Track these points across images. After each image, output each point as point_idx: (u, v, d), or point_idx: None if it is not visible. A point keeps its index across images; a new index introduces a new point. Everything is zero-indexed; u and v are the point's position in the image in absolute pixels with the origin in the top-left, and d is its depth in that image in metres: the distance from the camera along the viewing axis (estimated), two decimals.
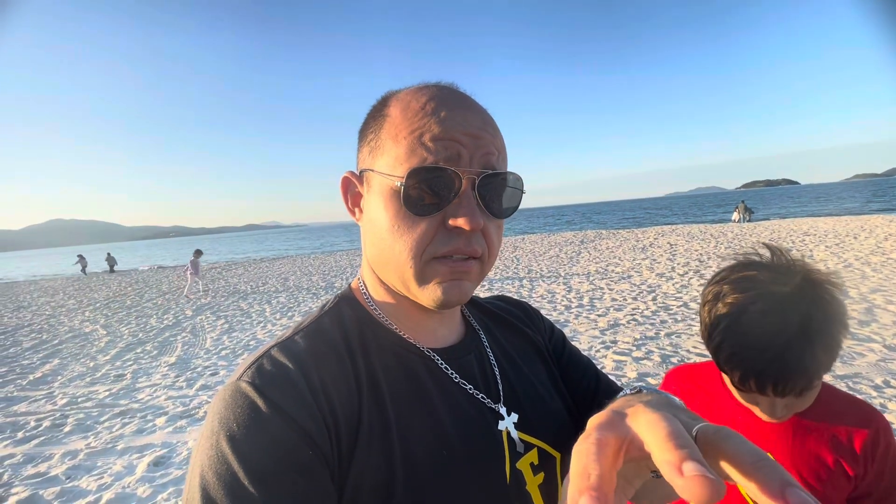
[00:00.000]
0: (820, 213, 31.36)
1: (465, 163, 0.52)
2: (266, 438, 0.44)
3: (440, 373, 0.58)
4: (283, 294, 11.49)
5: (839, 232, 14.72)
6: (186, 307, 10.61)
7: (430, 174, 0.51)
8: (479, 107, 0.57)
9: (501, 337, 0.71)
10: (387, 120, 0.56)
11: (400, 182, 0.52)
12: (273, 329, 7.50)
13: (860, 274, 7.86)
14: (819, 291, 0.73)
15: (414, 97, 0.55)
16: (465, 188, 0.52)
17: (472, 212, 0.51)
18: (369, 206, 0.57)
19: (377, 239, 0.56)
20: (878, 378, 3.76)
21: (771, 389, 0.74)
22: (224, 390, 0.48)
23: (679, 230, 21.49)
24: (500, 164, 0.55)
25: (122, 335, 8.06)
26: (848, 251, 10.55)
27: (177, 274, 20.91)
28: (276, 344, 0.53)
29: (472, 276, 0.54)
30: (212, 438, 0.44)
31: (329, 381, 0.50)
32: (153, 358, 6.32)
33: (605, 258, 13.01)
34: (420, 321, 0.60)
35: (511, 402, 0.61)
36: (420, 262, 0.53)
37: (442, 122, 0.52)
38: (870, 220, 18.77)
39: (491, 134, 0.55)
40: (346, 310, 0.60)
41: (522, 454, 0.57)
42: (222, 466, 0.42)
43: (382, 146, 0.55)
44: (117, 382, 5.32)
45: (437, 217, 0.52)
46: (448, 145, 0.52)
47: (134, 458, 3.46)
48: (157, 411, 4.33)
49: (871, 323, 5.15)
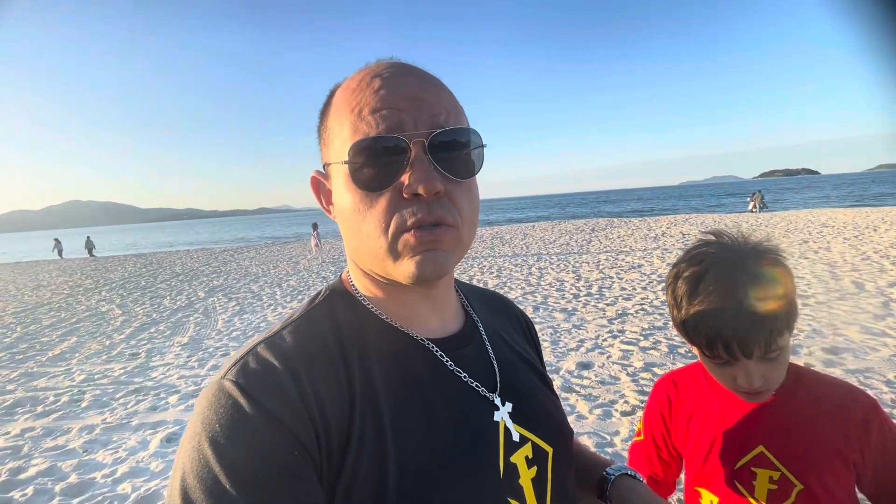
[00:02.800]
0: (840, 203, 30.64)
1: (410, 127, 0.50)
2: (249, 440, 0.42)
3: (435, 362, 0.56)
4: (293, 277, 11.61)
5: (858, 224, 14.34)
6: (199, 289, 10.80)
7: (373, 147, 0.49)
8: (419, 71, 0.55)
9: (498, 327, 0.70)
10: (331, 108, 0.56)
11: (346, 162, 0.51)
12: (283, 312, 7.60)
13: (878, 267, 7.68)
14: (765, 255, 0.79)
15: (352, 79, 0.55)
16: (415, 153, 0.50)
17: (426, 176, 0.49)
18: (336, 198, 0.56)
19: (347, 227, 0.55)
20: (891, 373, 3.69)
21: (738, 348, 0.76)
22: (208, 389, 0.47)
23: (692, 219, 21.13)
24: (451, 123, 0.52)
25: (137, 315, 8.25)
26: (867, 244, 10.29)
27: (152, 261, 21.19)
28: (263, 340, 0.51)
29: (445, 245, 0.51)
30: (194, 440, 0.43)
31: (319, 382, 0.48)
32: (166, 338, 6.46)
33: (615, 247, 12.87)
34: (410, 308, 0.58)
35: (507, 393, 0.60)
36: (388, 239, 0.50)
37: (377, 93, 0.51)
38: (892, 211, 18.26)
39: (434, 95, 0.53)
40: (337, 302, 0.59)
41: (518, 445, 0.57)
42: (204, 469, 0.41)
43: (331, 134, 0.55)
44: (132, 361, 5.47)
45: (394, 189, 0.50)
46: (387, 114, 0.50)
47: (147, 433, 3.57)
48: (170, 389, 4.44)
49: (886, 318, 5.05)
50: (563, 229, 20.51)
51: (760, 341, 0.76)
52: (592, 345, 4.83)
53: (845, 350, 4.22)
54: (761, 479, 0.84)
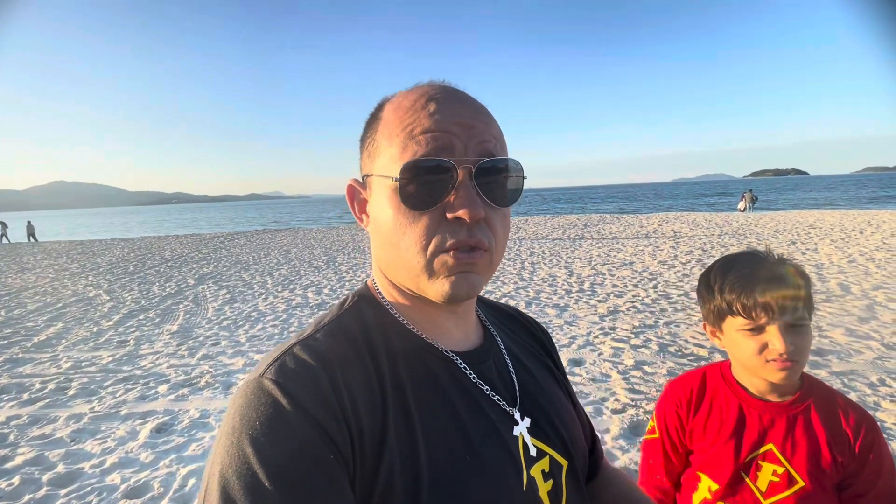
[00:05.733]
0: (828, 205, 31.22)
1: (460, 153, 0.52)
2: (289, 441, 0.43)
3: (461, 375, 0.58)
4: (284, 266, 11.53)
5: (845, 226, 14.58)
6: (188, 276, 10.68)
7: (424, 167, 0.51)
8: (470, 98, 0.57)
9: (516, 342, 0.71)
10: (380, 122, 0.57)
11: (395, 179, 0.52)
12: (275, 301, 7.55)
13: (863, 270, 7.83)
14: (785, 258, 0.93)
15: (405, 97, 0.56)
16: (462, 178, 0.52)
17: (471, 202, 0.51)
18: (373, 210, 0.58)
19: (383, 240, 0.56)
20: (874, 376, 3.78)
21: (774, 303, 0.86)
22: (246, 386, 0.48)
23: (683, 217, 21.33)
24: (497, 152, 0.55)
25: (125, 301, 8.14)
26: (853, 246, 10.48)
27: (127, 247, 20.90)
28: (299, 342, 0.53)
29: (479, 269, 0.53)
30: (232, 436, 0.44)
31: (353, 385, 0.49)
32: (156, 325, 6.39)
33: (607, 243, 12.96)
34: (436, 322, 0.60)
35: (525, 408, 0.61)
36: (426, 257, 0.52)
37: (431, 116, 0.53)
38: (877, 214, 18.57)
39: (484, 122, 0.55)
40: (365, 309, 0.60)
41: (535, 459, 0.58)
42: (243, 466, 0.42)
43: (378, 148, 0.56)
44: (120, 348, 5.40)
45: (437, 210, 0.52)
46: (439, 137, 0.52)
47: (137, 423, 3.53)
48: (160, 378, 4.40)
49: (870, 320, 5.16)
50: (555, 224, 20.60)
51: (790, 297, 0.86)
52: (584, 341, 4.88)
53: (830, 352, 4.31)
54: (765, 472, 0.92)
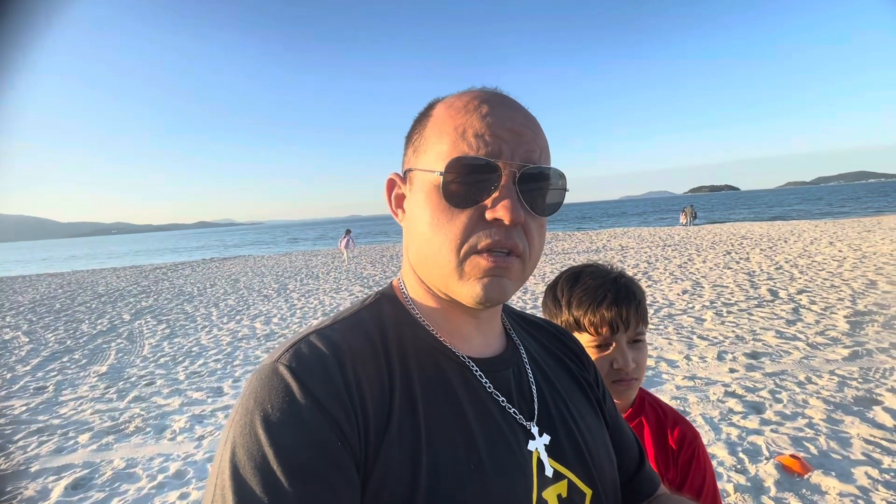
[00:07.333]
0: (757, 217, 34.02)
1: (507, 157, 0.52)
2: (298, 425, 0.44)
3: (475, 381, 0.57)
4: (231, 296, 10.97)
5: (772, 236, 15.86)
6: (124, 311, 9.90)
7: (470, 166, 0.52)
8: (520, 106, 0.58)
9: (546, 356, 0.69)
10: (431, 119, 0.57)
11: (441, 174, 0.53)
12: (219, 334, 7.12)
13: (789, 276, 8.48)
14: (626, 273, 1.03)
15: (458, 98, 0.57)
16: (505, 181, 0.52)
17: (512, 205, 0.51)
18: (411, 205, 0.58)
19: (418, 235, 0.56)
20: (802, 375, 4.03)
21: (616, 316, 0.94)
22: (262, 369, 0.49)
23: (630, 233, 22.41)
24: (542, 162, 0.55)
25: (48, 342, 7.41)
26: (779, 254, 11.37)
27: (115, 275, 19.53)
28: (315, 331, 0.53)
29: (512, 274, 0.53)
30: (247, 416, 0.45)
31: (363, 376, 0.50)
32: (81, 367, 5.83)
33: (559, 260, 13.34)
34: (456, 325, 0.59)
35: (544, 424, 0.59)
36: (460, 256, 0.52)
37: (484, 118, 0.53)
38: (798, 224, 20.38)
39: (533, 131, 0.55)
40: (385, 307, 0.60)
41: (551, 481, 0.55)
42: (255, 446, 0.43)
43: (426, 144, 0.57)
44: (37, 395, 4.86)
45: (477, 209, 0.52)
46: (489, 140, 0.52)
47: (49, 480, 3.15)
48: (81, 427, 3.98)
49: (796, 322, 5.55)
50: None
51: (632, 311, 0.94)
52: None
53: (764, 354, 4.57)
54: None
